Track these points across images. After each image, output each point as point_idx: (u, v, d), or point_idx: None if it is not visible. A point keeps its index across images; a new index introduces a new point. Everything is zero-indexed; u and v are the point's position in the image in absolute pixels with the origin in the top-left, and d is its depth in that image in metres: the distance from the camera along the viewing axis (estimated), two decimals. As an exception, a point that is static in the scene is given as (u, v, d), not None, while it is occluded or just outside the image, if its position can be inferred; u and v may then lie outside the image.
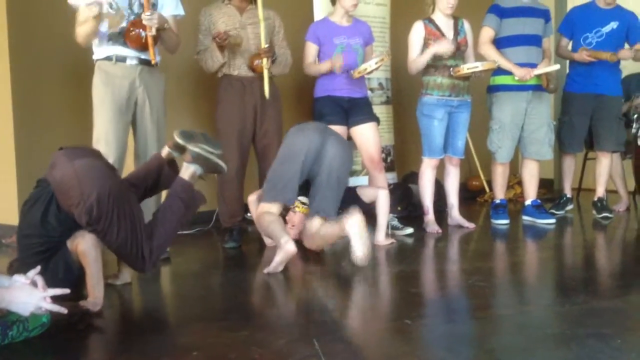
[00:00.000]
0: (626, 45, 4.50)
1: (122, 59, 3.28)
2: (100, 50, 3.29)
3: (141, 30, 3.20)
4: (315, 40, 3.93)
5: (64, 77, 4.07)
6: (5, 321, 2.05)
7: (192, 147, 2.67)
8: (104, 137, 3.22)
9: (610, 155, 4.60)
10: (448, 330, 2.23)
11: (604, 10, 4.49)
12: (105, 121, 3.23)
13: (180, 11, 3.44)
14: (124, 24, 3.24)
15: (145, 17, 3.16)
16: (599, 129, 4.55)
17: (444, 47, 3.95)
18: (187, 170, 2.69)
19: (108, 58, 3.27)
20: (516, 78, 4.17)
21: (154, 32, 3.19)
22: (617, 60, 4.45)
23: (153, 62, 3.28)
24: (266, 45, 3.66)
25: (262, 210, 3.37)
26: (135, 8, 3.28)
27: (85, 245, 2.39)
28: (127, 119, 3.31)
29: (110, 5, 3.17)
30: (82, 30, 3.21)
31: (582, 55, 4.39)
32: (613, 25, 4.45)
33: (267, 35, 3.70)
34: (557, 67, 4.15)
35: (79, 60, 3.66)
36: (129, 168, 3.34)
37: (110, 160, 3.21)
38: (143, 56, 3.30)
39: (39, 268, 2.11)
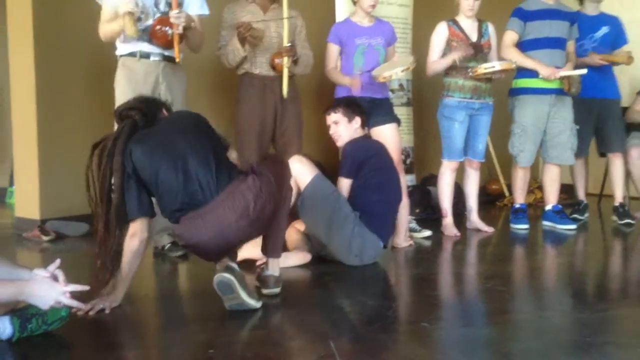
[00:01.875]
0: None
1: (146, 56, 3.30)
2: (124, 46, 3.32)
3: (168, 27, 3.23)
4: (337, 41, 3.93)
5: (88, 72, 4.12)
6: (24, 314, 2.07)
7: (229, 303, 2.43)
8: None
9: (622, 156, 4.60)
10: (465, 333, 2.22)
11: (592, 16, 4.59)
12: None
13: (205, 11, 3.46)
14: (149, 22, 3.26)
15: (173, 15, 3.19)
16: (607, 132, 4.59)
17: (461, 53, 3.96)
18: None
19: (132, 54, 3.30)
20: (541, 76, 4.12)
21: (180, 30, 3.22)
22: (611, 65, 4.55)
23: (177, 59, 3.30)
24: (288, 44, 3.66)
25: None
26: (162, 6, 3.30)
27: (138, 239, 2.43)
28: None
29: (137, 4, 3.20)
30: (109, 29, 3.25)
31: (595, 59, 4.41)
32: (605, 29, 4.59)
33: (289, 34, 3.71)
34: (584, 71, 4.10)
35: (103, 55, 3.68)
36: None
37: None
38: (167, 53, 3.33)
39: (58, 261, 2.13)
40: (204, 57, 3.99)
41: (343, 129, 3.45)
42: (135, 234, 2.41)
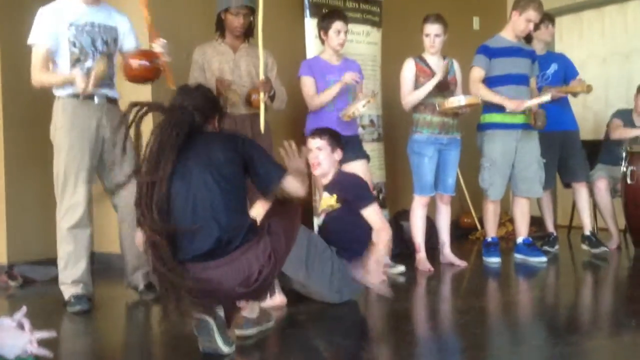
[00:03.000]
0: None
1: (89, 97, 3.16)
2: (64, 88, 3.15)
3: (153, 59, 3.10)
4: (310, 74, 3.97)
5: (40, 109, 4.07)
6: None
7: (203, 345, 2.39)
8: (73, 184, 3.12)
9: (586, 185, 4.72)
10: (440, 372, 2.21)
11: (541, 56, 4.74)
12: (74, 165, 3.13)
13: (137, 44, 3.38)
14: (89, 62, 3.15)
15: (160, 44, 3.15)
16: (570, 163, 4.71)
17: (437, 78, 4.02)
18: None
19: (74, 96, 3.14)
20: (508, 110, 4.19)
21: (167, 57, 3.16)
22: (567, 97, 4.73)
23: (173, 86, 3.09)
24: (264, 78, 3.67)
25: None
26: (99, 45, 3.21)
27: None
28: (95, 162, 3.22)
29: (74, 44, 3.13)
30: (48, 80, 3.14)
31: (554, 92, 4.51)
32: (554, 66, 4.80)
33: (263, 70, 3.72)
34: (547, 98, 4.19)
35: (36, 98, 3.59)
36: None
37: (80, 209, 3.11)
38: (109, 94, 3.24)
39: (25, 309, 2.07)
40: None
41: (325, 157, 3.40)
42: None
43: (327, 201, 3.39)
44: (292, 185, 2.51)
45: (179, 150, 2.32)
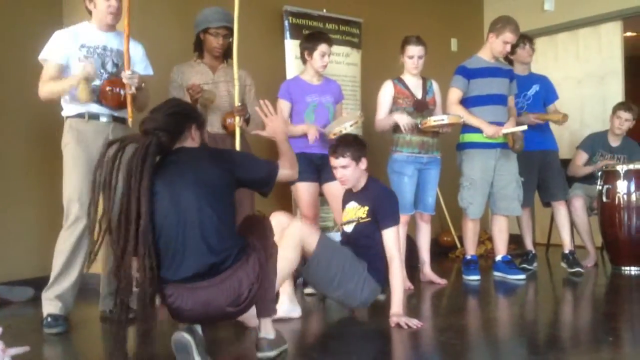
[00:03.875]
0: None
1: (95, 117, 3.27)
2: (72, 107, 3.28)
3: (120, 89, 3.22)
4: (288, 97, 4.00)
5: (30, 134, 4.06)
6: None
7: None
8: (78, 198, 3.15)
9: (565, 204, 4.77)
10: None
11: (523, 76, 4.84)
12: (79, 181, 3.17)
13: (150, 71, 3.49)
14: (97, 82, 3.25)
15: (127, 76, 3.20)
16: (549, 182, 4.76)
17: (404, 120, 4.05)
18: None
19: (80, 115, 3.26)
20: (485, 135, 4.26)
21: (133, 90, 3.21)
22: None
23: (131, 119, 3.26)
24: (239, 104, 3.70)
25: None
26: (109, 67, 3.31)
27: None
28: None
29: (91, 65, 3.20)
30: (55, 88, 3.20)
31: (531, 119, 4.62)
32: (536, 87, 4.87)
33: (239, 93, 3.75)
34: (524, 127, 4.27)
35: (45, 116, 3.63)
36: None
37: (81, 224, 3.13)
38: (116, 114, 3.31)
39: (0, 329, 2.05)
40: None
41: (352, 172, 3.36)
42: None
43: (355, 212, 3.40)
44: (286, 174, 2.62)
45: (151, 175, 2.30)
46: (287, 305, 3.25)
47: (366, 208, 3.33)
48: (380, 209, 3.27)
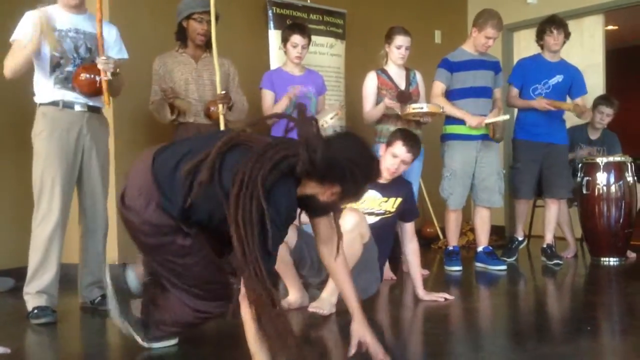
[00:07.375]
0: (568, 99, 4.71)
1: (69, 105, 3.15)
2: (45, 94, 3.14)
3: (94, 75, 3.10)
4: (271, 87, 3.99)
5: (5, 122, 3.99)
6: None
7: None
8: (49, 192, 3.07)
9: (558, 202, 4.74)
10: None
11: (550, 63, 4.67)
12: (51, 173, 3.08)
13: (125, 54, 3.37)
14: (69, 67, 3.14)
15: (102, 61, 3.07)
16: (549, 177, 4.68)
17: (394, 103, 4.08)
18: None
19: (54, 103, 3.13)
20: (468, 125, 4.28)
21: (109, 76, 3.09)
22: (562, 111, 4.64)
23: (108, 106, 3.19)
24: (222, 92, 3.68)
25: None
26: (82, 52, 3.19)
27: None
28: (75, 171, 3.18)
29: (55, 49, 3.09)
30: (19, 54, 3.04)
31: (542, 104, 4.48)
32: (558, 78, 4.65)
33: (223, 81, 3.73)
34: (506, 117, 4.30)
35: (19, 106, 3.55)
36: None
37: (53, 218, 3.06)
38: (91, 103, 3.21)
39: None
40: (138, 105, 3.96)
41: (404, 169, 3.49)
42: None
43: (379, 203, 3.42)
44: None
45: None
46: (299, 296, 3.26)
47: (396, 200, 3.40)
48: (412, 203, 3.50)
